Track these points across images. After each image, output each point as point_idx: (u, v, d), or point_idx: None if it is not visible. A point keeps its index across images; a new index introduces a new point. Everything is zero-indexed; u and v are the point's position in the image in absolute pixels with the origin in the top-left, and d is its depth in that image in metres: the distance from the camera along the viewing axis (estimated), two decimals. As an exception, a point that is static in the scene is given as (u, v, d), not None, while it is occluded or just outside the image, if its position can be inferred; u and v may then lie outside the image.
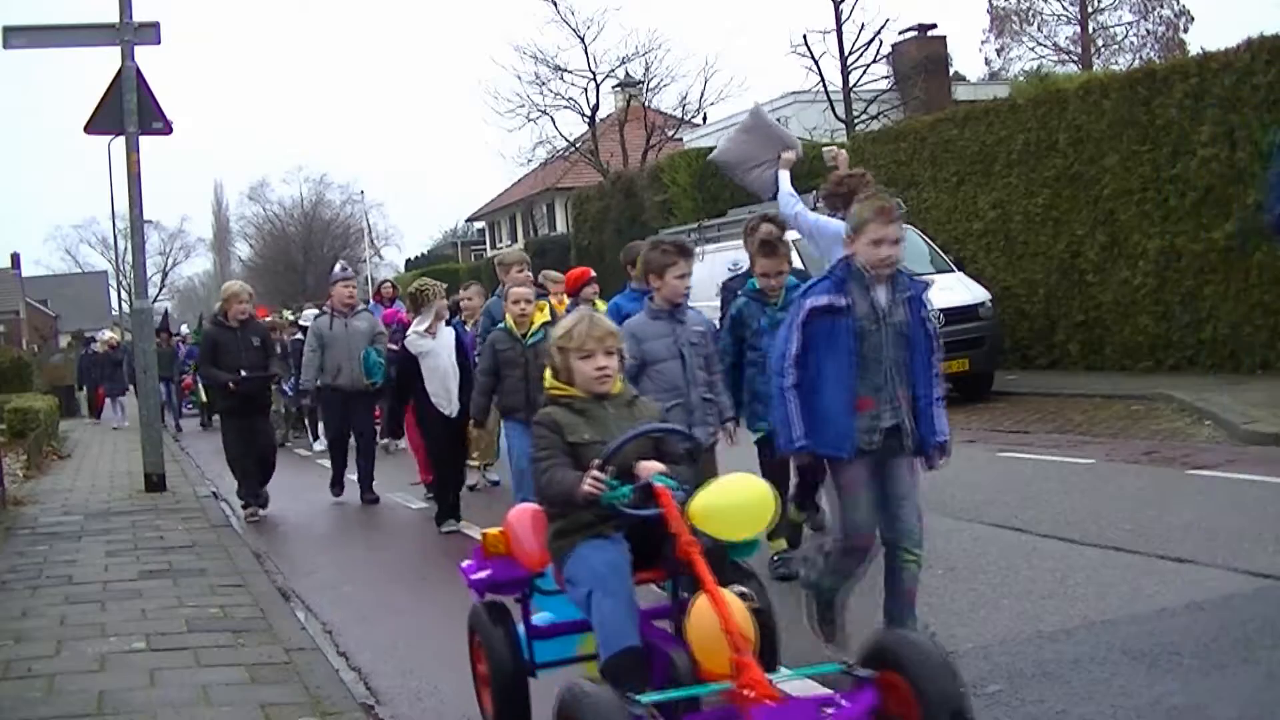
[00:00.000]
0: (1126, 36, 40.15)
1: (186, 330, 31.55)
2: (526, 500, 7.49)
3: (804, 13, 79.45)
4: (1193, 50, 22.46)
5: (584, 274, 9.44)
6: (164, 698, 4.77)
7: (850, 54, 27.12)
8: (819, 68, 27.28)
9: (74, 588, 6.97)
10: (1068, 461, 9.12)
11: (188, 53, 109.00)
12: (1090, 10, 39.74)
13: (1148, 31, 39.71)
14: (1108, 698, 4.12)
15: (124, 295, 47.75)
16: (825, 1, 26.97)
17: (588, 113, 35.56)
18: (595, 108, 35.58)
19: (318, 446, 15.55)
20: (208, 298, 76.46)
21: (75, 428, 23.11)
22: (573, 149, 35.75)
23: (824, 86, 27.16)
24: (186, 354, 23.30)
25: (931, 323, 4.59)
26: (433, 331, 8.78)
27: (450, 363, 8.74)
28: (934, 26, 30.13)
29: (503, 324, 7.72)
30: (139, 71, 11.30)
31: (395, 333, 10.49)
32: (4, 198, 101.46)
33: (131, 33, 11.24)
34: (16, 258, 57.04)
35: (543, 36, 64.07)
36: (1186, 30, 39.24)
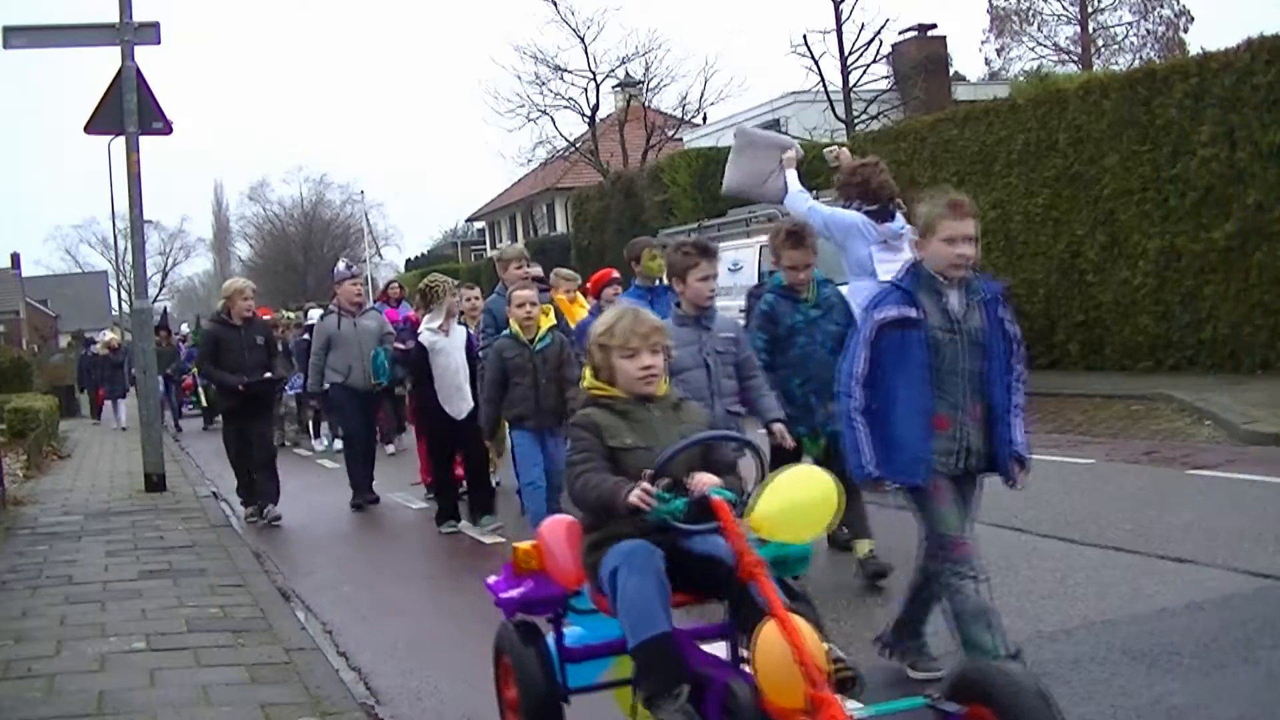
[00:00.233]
0: (1126, 36, 40.17)
1: (186, 330, 31.56)
2: (535, 516, 7.49)
3: (804, 13, 79.50)
4: (1193, 50, 22.49)
5: (607, 275, 9.31)
6: (164, 698, 4.77)
7: (850, 54, 27.11)
8: (819, 68, 27.28)
9: (74, 588, 6.97)
10: (1068, 461, 9.12)
11: (188, 53, 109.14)
12: (1090, 10, 39.73)
13: (1148, 31, 39.73)
14: (1108, 698, 4.12)
15: (124, 295, 47.75)
16: (825, 1, 26.97)
17: (588, 113, 35.56)
18: (595, 108, 35.58)
19: (319, 446, 15.55)
20: (208, 298, 76.51)
21: (75, 428, 23.11)
22: (573, 149, 35.73)
23: (824, 86, 27.15)
24: (187, 355, 23.23)
25: (1013, 325, 4.21)
26: (445, 329, 8.72)
27: (461, 362, 8.69)
28: (934, 26, 30.08)
29: (508, 330, 7.65)
30: (139, 71, 11.31)
31: (403, 332, 10.32)
32: (4, 198, 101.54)
33: (131, 33, 11.24)
34: (16, 258, 57.08)
35: (543, 36, 64.19)
36: (1186, 30, 39.27)
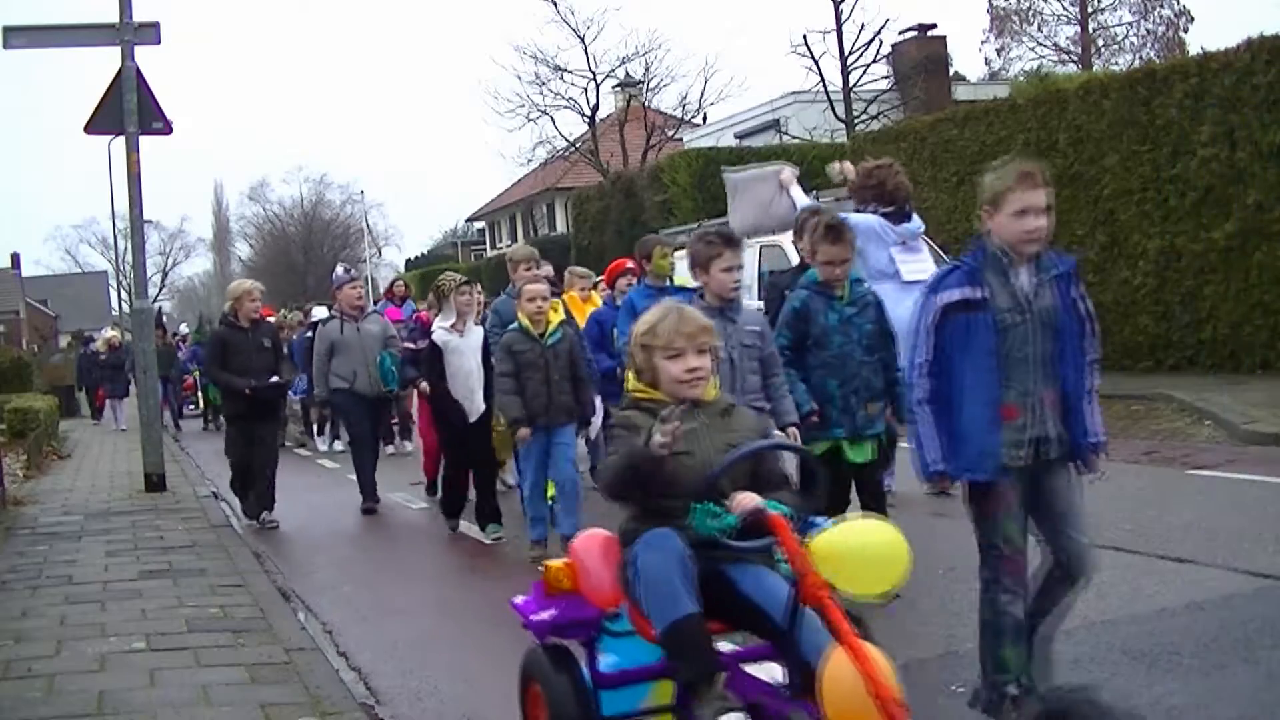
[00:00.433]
0: (1126, 36, 40.16)
1: (186, 330, 31.53)
2: (536, 519, 7.42)
3: (804, 13, 79.58)
4: (1193, 50, 22.52)
5: (621, 265, 9.24)
6: (164, 698, 4.77)
7: (850, 54, 27.16)
8: (819, 68, 27.35)
9: (74, 588, 6.96)
10: (1068, 461, 9.12)
11: (188, 53, 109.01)
12: (1090, 10, 39.72)
13: (1148, 31, 39.71)
14: (1108, 698, 4.11)
15: (124, 295, 47.74)
16: (825, 1, 27.04)
17: (588, 113, 35.59)
18: (595, 108, 35.61)
19: (322, 447, 15.53)
20: (208, 298, 76.60)
21: (75, 428, 23.11)
22: (573, 149, 35.75)
23: (824, 86, 27.18)
24: (190, 356, 23.18)
25: (1086, 303, 3.91)
26: (459, 329, 8.41)
27: (476, 363, 8.36)
28: (934, 26, 30.12)
29: (516, 325, 7.44)
30: (139, 71, 11.30)
31: (413, 331, 10.15)
32: (4, 198, 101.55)
33: (131, 33, 11.23)
34: (16, 258, 57.09)
35: (543, 36, 64.06)
36: (1186, 30, 39.25)
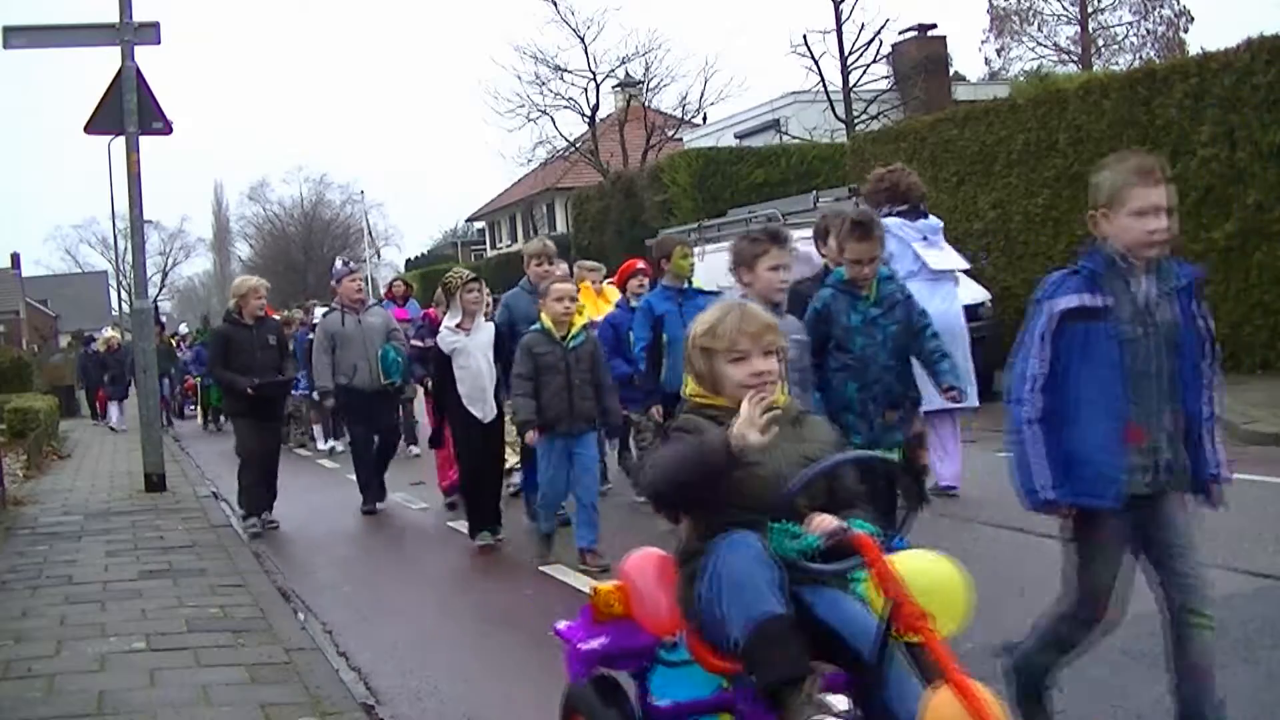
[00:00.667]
0: (1126, 36, 40.16)
1: (186, 330, 31.52)
2: (546, 520, 7.26)
3: (804, 13, 79.52)
4: (1193, 50, 22.52)
5: (632, 265, 9.09)
6: (164, 698, 4.77)
7: (850, 54, 27.15)
8: (819, 68, 27.34)
9: (74, 588, 6.97)
10: (1068, 461, 9.12)
11: (188, 53, 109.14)
12: (1090, 10, 39.73)
13: (1148, 31, 39.71)
14: (1108, 698, 4.12)
15: (124, 295, 47.74)
16: (825, 1, 27.02)
17: (588, 113, 35.57)
18: (595, 108, 35.59)
19: (323, 446, 15.51)
20: (208, 298, 76.69)
21: (75, 428, 23.11)
22: (573, 149, 35.75)
23: (824, 86, 27.17)
24: (194, 356, 23.12)
25: (1207, 320, 3.61)
26: (465, 328, 7.99)
27: (486, 363, 7.93)
28: (934, 26, 30.10)
29: (539, 325, 7.18)
30: (139, 71, 11.30)
31: (422, 329, 10.01)
32: (4, 198, 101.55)
33: (131, 33, 11.23)
34: (16, 258, 57.09)
35: (543, 36, 64.12)
36: (1186, 30, 39.24)
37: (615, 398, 7.49)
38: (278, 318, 12.84)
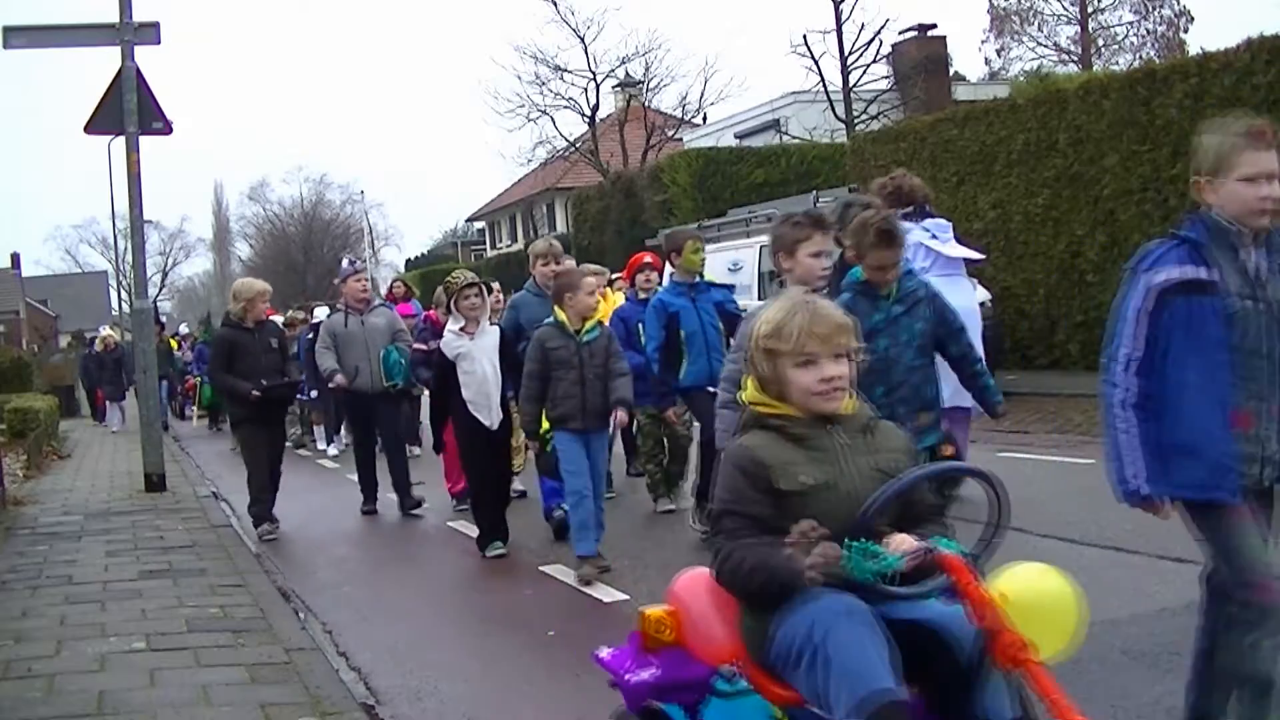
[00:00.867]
0: (1126, 36, 40.16)
1: (186, 330, 31.49)
2: (581, 529, 6.85)
3: (804, 13, 79.56)
4: (1193, 50, 22.50)
5: (639, 259, 8.98)
6: (164, 698, 4.77)
7: (850, 54, 27.16)
8: (819, 68, 27.35)
9: (74, 588, 6.97)
10: (1068, 461, 9.13)
11: (188, 53, 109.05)
12: (1090, 10, 39.74)
13: (1148, 31, 39.71)
14: (1108, 698, 4.11)
15: (124, 295, 47.74)
16: (825, 1, 27.03)
17: (588, 113, 35.62)
18: (595, 108, 35.64)
19: (323, 447, 15.45)
20: (208, 298, 76.64)
21: (75, 428, 23.12)
22: (573, 149, 35.78)
23: (824, 86, 27.18)
24: (196, 356, 23.06)
25: None
26: (469, 331, 7.74)
27: (491, 368, 7.67)
28: (934, 26, 30.12)
29: (553, 318, 6.99)
30: (139, 71, 11.31)
31: (424, 332, 9.90)
32: (4, 198, 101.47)
33: (131, 33, 11.24)
34: (16, 258, 57.07)
35: (543, 36, 64.21)
36: (1186, 30, 39.24)
37: (629, 382, 7.11)
38: (278, 320, 12.86)
